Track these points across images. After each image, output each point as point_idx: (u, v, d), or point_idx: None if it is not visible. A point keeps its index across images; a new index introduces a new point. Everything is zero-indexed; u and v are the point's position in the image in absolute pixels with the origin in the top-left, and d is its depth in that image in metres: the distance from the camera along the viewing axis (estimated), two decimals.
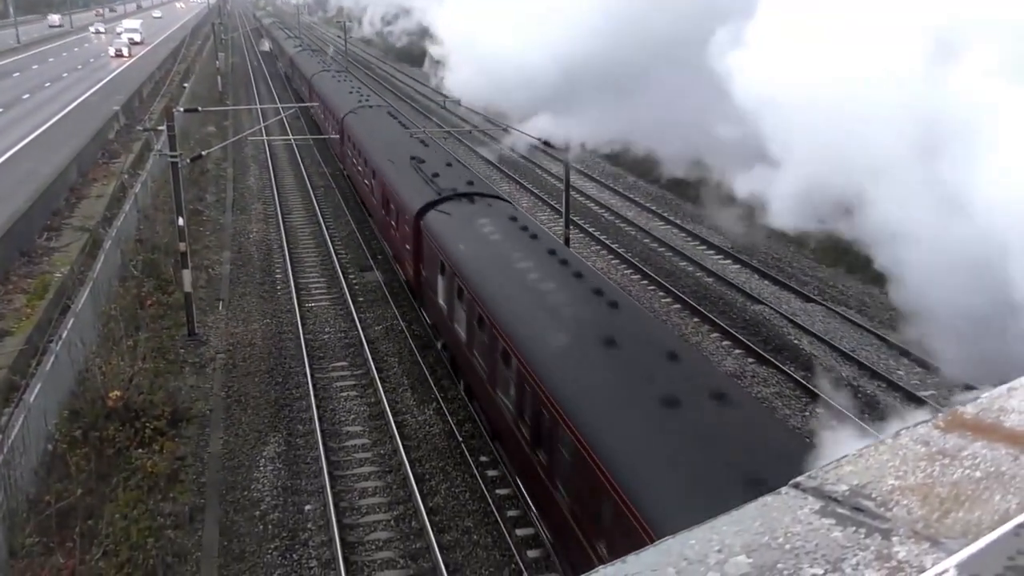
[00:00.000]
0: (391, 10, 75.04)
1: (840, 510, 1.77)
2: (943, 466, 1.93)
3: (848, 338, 22.88)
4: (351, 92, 43.17)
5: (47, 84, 64.51)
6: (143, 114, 52.55)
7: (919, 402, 18.63)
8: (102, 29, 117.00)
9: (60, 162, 36.35)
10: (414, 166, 25.29)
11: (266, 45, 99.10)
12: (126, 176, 36.24)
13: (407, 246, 23.28)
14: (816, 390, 19.32)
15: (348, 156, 36.69)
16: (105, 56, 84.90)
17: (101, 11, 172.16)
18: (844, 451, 2.06)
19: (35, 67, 76.92)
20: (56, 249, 28.27)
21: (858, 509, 1.77)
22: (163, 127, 25.36)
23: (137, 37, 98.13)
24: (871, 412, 18.57)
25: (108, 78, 68.04)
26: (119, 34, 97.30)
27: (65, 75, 70.35)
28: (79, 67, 76.85)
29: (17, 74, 71.29)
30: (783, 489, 1.87)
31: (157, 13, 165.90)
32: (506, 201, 23.22)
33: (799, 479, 1.89)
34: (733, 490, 8.14)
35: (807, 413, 18.97)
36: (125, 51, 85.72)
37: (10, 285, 24.78)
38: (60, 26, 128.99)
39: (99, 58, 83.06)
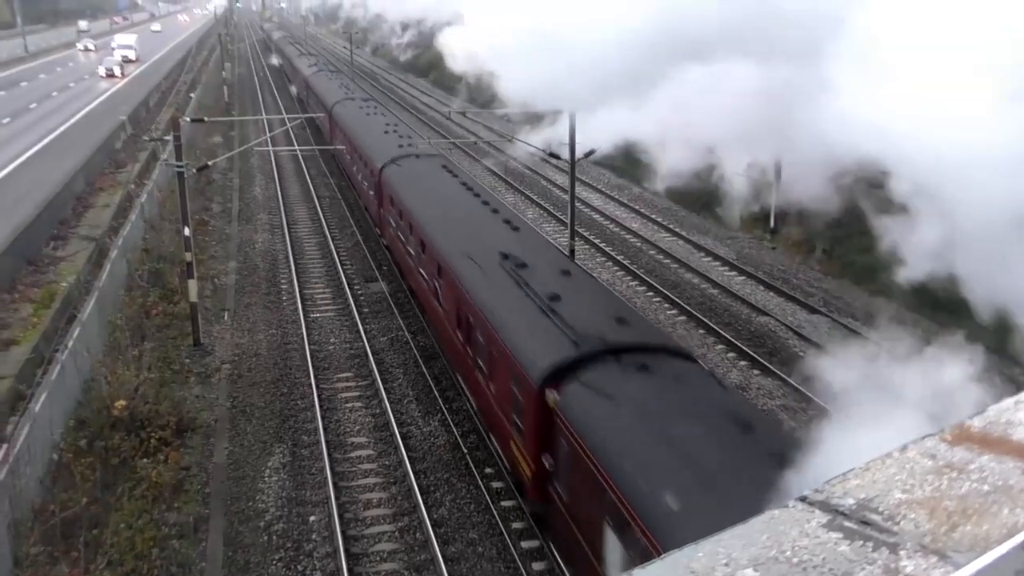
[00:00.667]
0: (407, 22, 75.70)
1: (847, 524, 1.76)
2: (951, 480, 1.92)
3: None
4: (387, 131, 33.40)
5: (54, 94, 64.89)
6: (150, 124, 52.77)
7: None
8: (91, 46, 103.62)
9: (67, 171, 36.51)
10: (511, 272, 17.17)
11: (275, 60, 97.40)
12: (132, 186, 36.37)
13: (518, 421, 14.53)
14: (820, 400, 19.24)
15: (391, 225, 27.23)
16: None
17: (116, 19, 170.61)
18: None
19: (42, 76, 77.42)
20: (63, 258, 28.34)
21: (865, 523, 1.76)
22: (169, 137, 25.46)
23: (132, 55, 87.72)
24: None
25: (113, 89, 68.34)
26: (112, 50, 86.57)
27: (72, 85, 70.71)
28: (86, 77, 77.17)
29: (25, 83, 71.75)
30: (790, 502, 1.87)
31: (156, 27, 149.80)
32: (694, 361, 14.10)
33: (806, 492, 1.89)
34: None
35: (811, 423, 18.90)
36: (117, 71, 75.23)
37: (17, 294, 24.84)
38: (88, 31, 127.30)
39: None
